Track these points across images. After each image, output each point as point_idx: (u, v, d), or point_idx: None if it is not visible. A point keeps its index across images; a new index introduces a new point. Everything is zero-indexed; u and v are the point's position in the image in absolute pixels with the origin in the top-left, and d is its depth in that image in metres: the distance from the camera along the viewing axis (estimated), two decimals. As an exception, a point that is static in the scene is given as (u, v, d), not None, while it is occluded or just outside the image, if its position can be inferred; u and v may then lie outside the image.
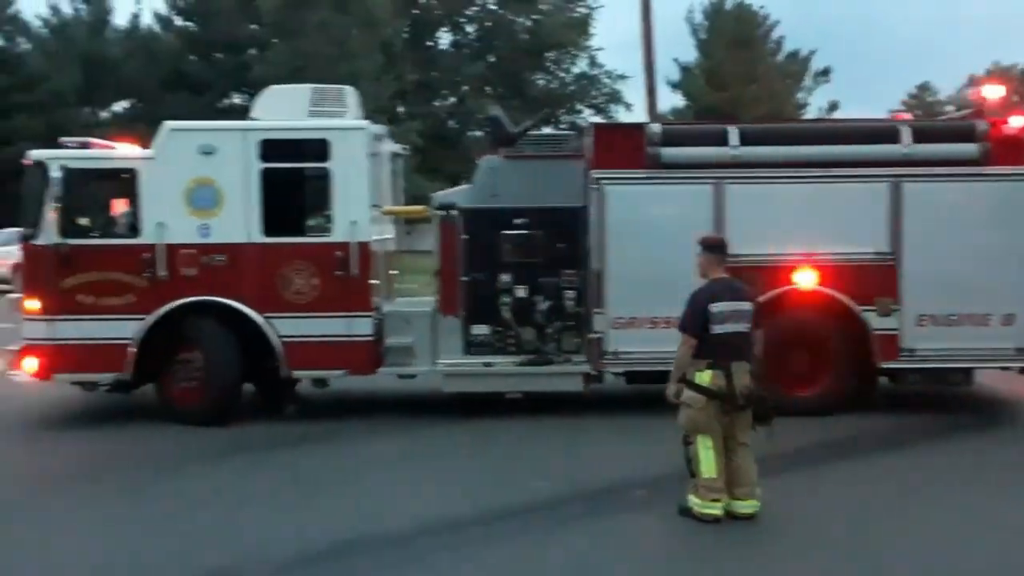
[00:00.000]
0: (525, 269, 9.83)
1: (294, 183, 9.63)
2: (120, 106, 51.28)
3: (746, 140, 9.74)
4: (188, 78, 47.91)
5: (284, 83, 10.37)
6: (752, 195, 9.68)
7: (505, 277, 9.82)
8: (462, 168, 48.83)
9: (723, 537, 6.41)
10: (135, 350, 9.42)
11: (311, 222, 9.98)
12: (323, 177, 9.56)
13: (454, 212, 9.83)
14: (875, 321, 9.64)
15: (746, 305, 6.71)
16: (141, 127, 24.52)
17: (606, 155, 9.72)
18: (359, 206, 9.42)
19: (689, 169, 9.67)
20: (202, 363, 9.51)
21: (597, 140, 9.85)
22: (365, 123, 9.62)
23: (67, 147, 9.84)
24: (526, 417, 9.81)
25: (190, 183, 9.40)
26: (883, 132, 9.95)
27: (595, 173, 9.67)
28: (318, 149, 9.46)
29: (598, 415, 9.99)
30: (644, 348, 9.66)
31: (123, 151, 10.22)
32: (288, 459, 8.64)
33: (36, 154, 9.70)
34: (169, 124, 9.69)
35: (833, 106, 48.73)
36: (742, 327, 6.63)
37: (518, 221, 9.79)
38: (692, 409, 6.57)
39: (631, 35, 28.81)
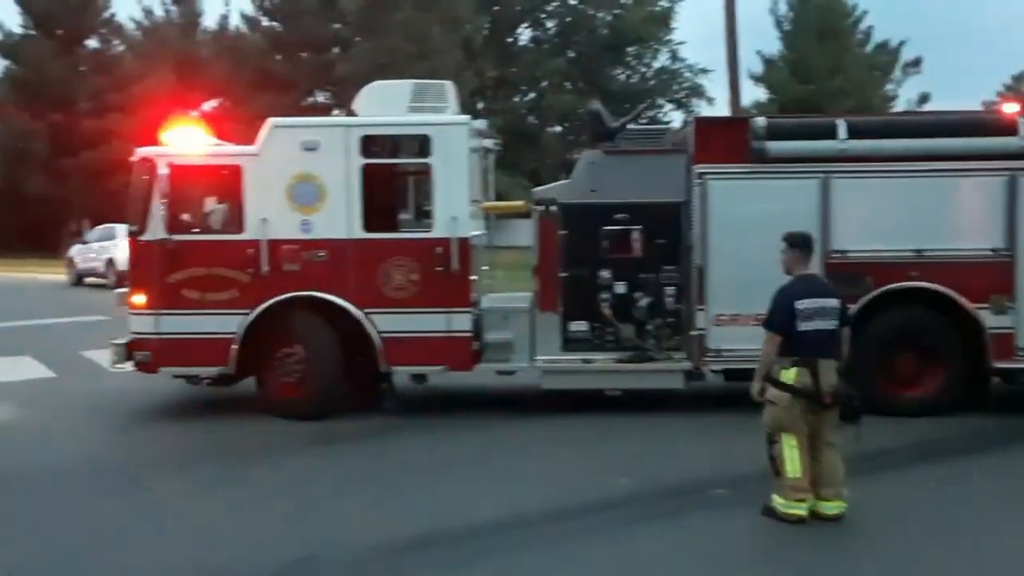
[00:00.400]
0: (625, 265, 9.71)
1: (394, 179, 9.65)
2: (209, 105, 52.49)
3: (854, 133, 9.46)
4: (273, 77, 48.75)
5: (366, 81, 10.38)
6: (860, 190, 9.45)
7: (604, 273, 9.71)
8: (541, 164, 49.02)
9: (804, 539, 6.26)
10: (238, 345, 9.53)
11: (410, 218, 9.99)
12: (424, 173, 9.56)
13: (553, 208, 9.75)
14: (989, 319, 9.29)
15: (832, 302, 6.59)
16: (229, 126, 24.97)
17: (708, 149, 9.54)
18: (459, 202, 9.38)
19: (795, 163, 9.42)
20: (303, 358, 9.59)
21: (699, 134, 9.67)
22: (466, 118, 9.59)
23: (172, 143, 9.98)
24: (610, 413, 9.73)
25: (293, 179, 9.46)
26: (999, 125, 9.57)
27: (698, 167, 9.50)
28: (419, 145, 9.48)
29: (681, 412, 9.87)
30: (747, 345, 9.36)
31: (228, 148, 10.37)
32: (375, 451, 8.75)
33: (143, 151, 9.88)
34: (273, 120, 9.78)
35: (924, 98, 47.17)
36: (829, 324, 6.51)
37: (618, 216, 9.67)
38: (777, 407, 6.47)
39: (713, 28, 28.51)
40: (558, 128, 53.70)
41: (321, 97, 51.90)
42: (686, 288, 9.77)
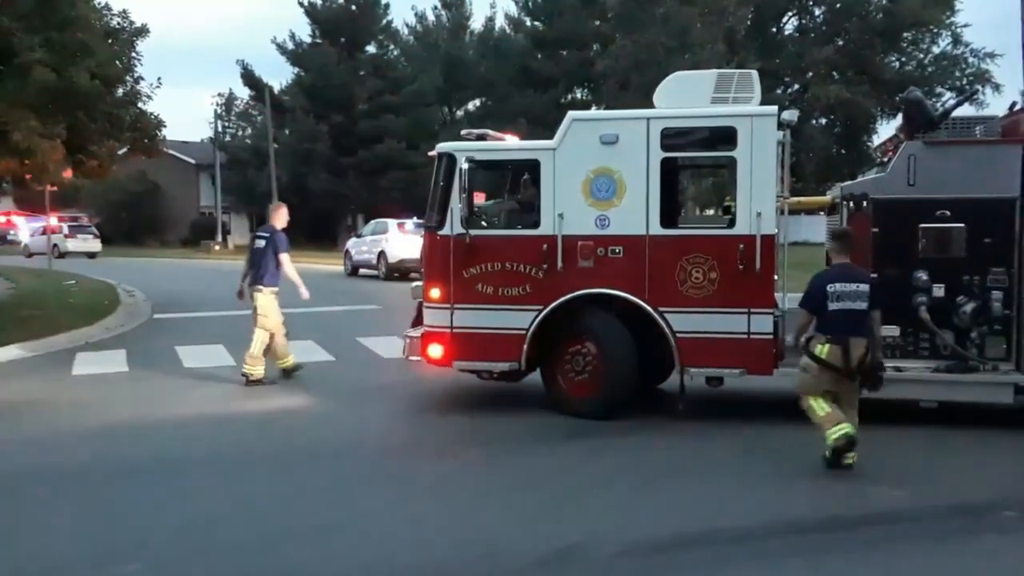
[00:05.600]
0: (945, 266, 8.89)
1: (696, 173, 9.29)
2: (472, 104, 54.48)
3: None
4: (534, 75, 49.78)
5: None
6: None
7: (921, 274, 8.92)
8: (803, 157, 46.89)
9: None
10: (528, 340, 9.53)
11: (712, 213, 9.60)
12: (728, 166, 9.14)
13: (864, 203, 9.05)
14: None
15: (864, 287, 7.57)
16: (490, 124, 25.69)
17: (1051, 138, 8.52)
18: (765, 197, 8.90)
19: None
20: (595, 355, 9.47)
21: (1040, 121, 8.66)
22: (773, 109, 9.05)
23: (467, 139, 10.14)
24: (883, 423, 8.94)
25: (590, 173, 9.33)
26: None
27: (1039, 159, 8.50)
28: (724, 136, 9.06)
29: (965, 426, 9.08)
30: (1091, 359, 8.44)
31: (526, 142, 10.43)
32: (636, 448, 8.60)
33: (444, 146, 10.00)
34: (573, 114, 9.66)
35: None
36: (859, 305, 7.53)
37: (939, 213, 8.84)
38: (808, 375, 7.68)
39: (1004, 8, 25.80)
40: (823, 120, 51.20)
41: (580, 94, 52.46)
42: (1017, 292, 8.80)
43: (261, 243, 11.96)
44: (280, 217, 12.14)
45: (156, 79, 20.13)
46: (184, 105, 70.30)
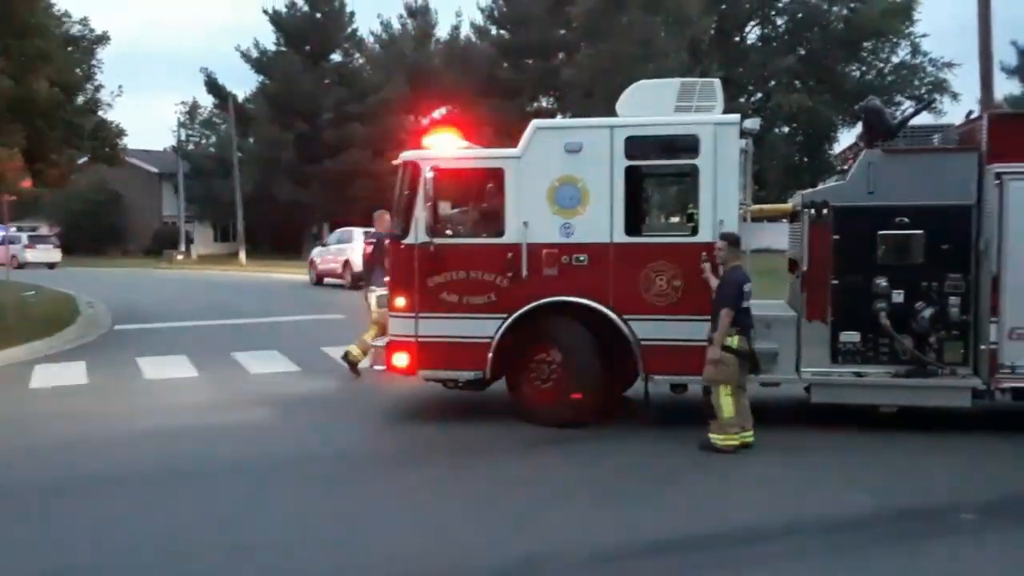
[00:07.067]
0: (904, 272, 8.99)
1: (659, 181, 9.33)
2: (438, 113, 54.41)
3: None
4: (500, 84, 49.83)
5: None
6: None
7: (881, 281, 9.02)
8: (766, 166, 47.35)
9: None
10: (493, 349, 9.52)
11: (676, 221, 9.64)
12: (691, 174, 9.20)
13: (825, 211, 9.15)
14: None
15: (751, 286, 8.67)
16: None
17: (1006, 147, 8.68)
18: (728, 205, 8.97)
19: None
20: (560, 363, 9.48)
21: (994, 130, 8.81)
22: (736, 117, 9.13)
23: (434, 147, 10.11)
24: (845, 428, 9.23)
25: (555, 181, 9.35)
26: None
27: (996, 167, 8.65)
28: (687, 145, 9.13)
29: (928, 429, 9.21)
30: (1047, 363, 8.60)
31: (491, 151, 10.43)
32: (602, 455, 8.60)
33: (408, 155, 9.96)
34: (537, 122, 9.69)
35: None
36: (751, 302, 8.68)
37: (898, 220, 8.96)
38: (726, 366, 8.43)
39: (960, 19, 26.28)
40: (785, 129, 51.76)
41: (545, 102, 52.60)
42: (974, 298, 8.93)
43: (369, 248, 13.18)
44: (383, 223, 12.45)
45: (117, 87, 19.99)
46: (146, 114, 69.85)
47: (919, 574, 5.84)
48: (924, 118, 43.21)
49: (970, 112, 10.25)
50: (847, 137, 49.98)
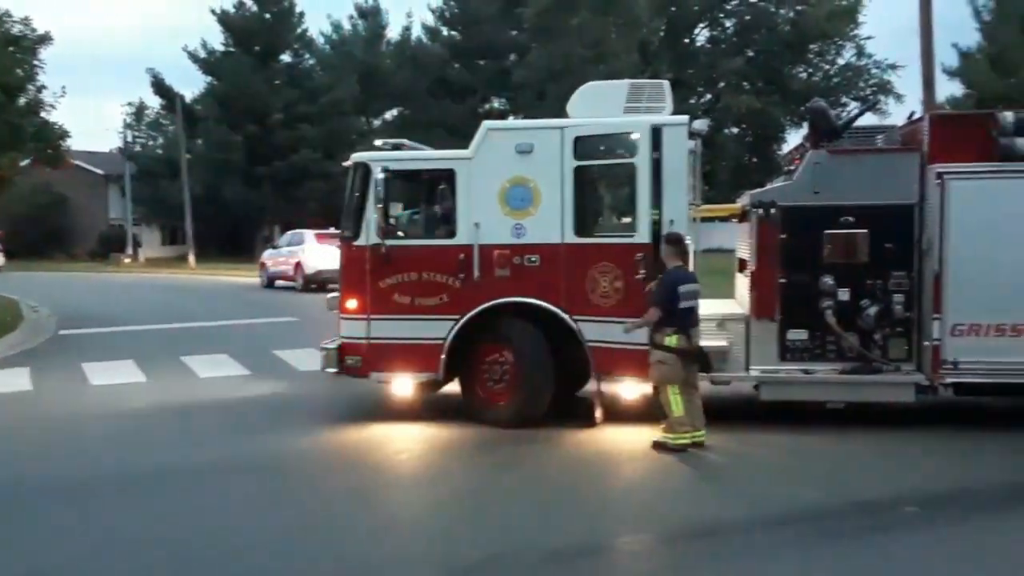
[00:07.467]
0: (850, 270, 9.15)
1: (610, 182, 9.36)
2: (390, 114, 54.21)
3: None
4: (451, 85, 49.78)
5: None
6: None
7: (827, 279, 9.17)
8: (716, 166, 47.93)
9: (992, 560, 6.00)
10: (446, 351, 9.50)
11: (625, 221, 9.68)
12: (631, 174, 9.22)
13: (772, 210, 9.27)
14: None
15: (698, 286, 8.71)
16: (408, 133, 25.72)
17: (946, 147, 8.88)
18: (676, 205, 9.04)
19: (1048, 161, 8.65)
20: (513, 364, 9.49)
21: (935, 131, 9.01)
22: (684, 118, 9.21)
23: (383, 149, 10.07)
24: (793, 425, 9.34)
25: (506, 183, 9.36)
26: None
27: (937, 167, 8.84)
28: (628, 145, 9.16)
29: (874, 425, 9.37)
30: (987, 358, 8.88)
31: (442, 152, 10.41)
32: (550, 455, 8.63)
33: (359, 156, 9.93)
34: (488, 124, 9.70)
35: None
36: (696, 302, 8.66)
37: (843, 219, 9.11)
38: (667, 366, 8.46)
39: (903, 22, 26.88)
40: (735, 130, 52.41)
41: (497, 103, 52.66)
42: (917, 295, 9.12)
43: None
44: None
45: (60, 88, 19.58)
46: (92, 115, 68.52)
47: (866, 566, 5.93)
48: (869, 119, 44.07)
49: (912, 113, 10.46)
50: (795, 138, 50.77)
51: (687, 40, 53.32)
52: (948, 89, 43.98)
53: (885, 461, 8.35)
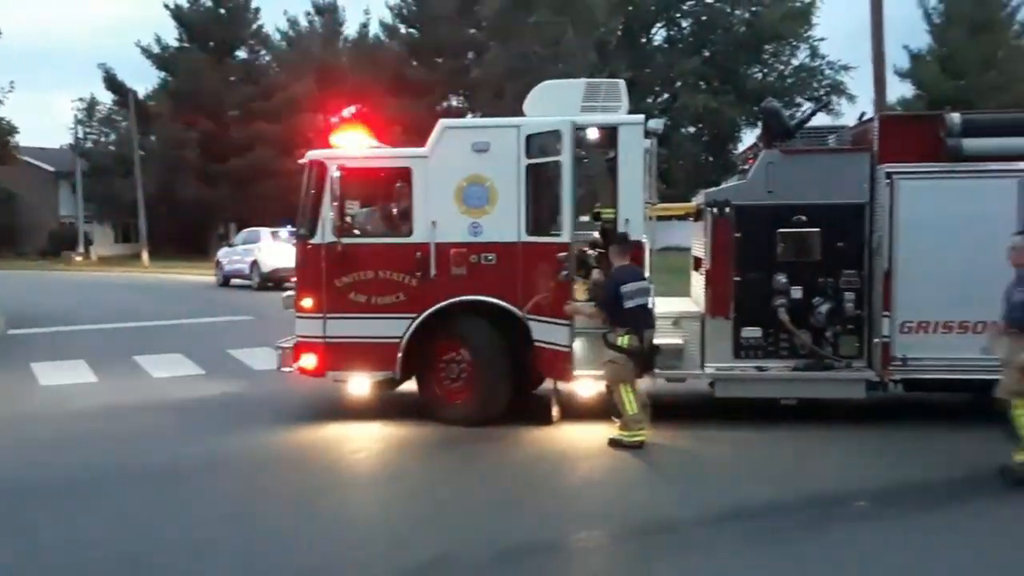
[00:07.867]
0: (802, 269, 9.27)
1: (555, 180, 9.22)
2: (346, 111, 53.76)
3: (1061, 129, 8.77)
4: (409, 82, 49.52)
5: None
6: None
7: (780, 277, 9.29)
8: (673, 165, 48.34)
9: (948, 553, 6.16)
10: (403, 349, 9.48)
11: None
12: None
13: (726, 209, 9.36)
14: None
15: (647, 284, 8.73)
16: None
17: (896, 147, 9.03)
18: (633, 204, 9.09)
19: (992, 162, 8.84)
20: (469, 362, 9.50)
21: (885, 132, 9.15)
22: (640, 117, 9.25)
23: (341, 146, 9.99)
24: (747, 422, 9.46)
25: (463, 181, 9.35)
26: None
27: (887, 167, 8.99)
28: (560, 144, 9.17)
29: (829, 422, 9.53)
30: (936, 354, 9.06)
31: (398, 150, 10.38)
32: (505, 453, 8.67)
33: (314, 154, 9.86)
34: (444, 122, 9.69)
35: (1087, 93, 44.15)
36: (646, 300, 8.67)
37: (796, 218, 9.23)
38: (618, 365, 8.55)
39: (856, 23, 27.28)
40: (691, 129, 52.87)
41: (455, 101, 52.55)
42: (868, 293, 9.27)
43: None
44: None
45: (8, 83, 19.20)
46: (42, 111, 67.18)
47: (818, 558, 6.03)
48: (821, 119, 44.63)
49: (863, 114, 10.63)
50: (750, 137, 51.36)
51: (644, 40, 53.68)
52: (899, 90, 44.84)
53: (836, 457, 8.49)
